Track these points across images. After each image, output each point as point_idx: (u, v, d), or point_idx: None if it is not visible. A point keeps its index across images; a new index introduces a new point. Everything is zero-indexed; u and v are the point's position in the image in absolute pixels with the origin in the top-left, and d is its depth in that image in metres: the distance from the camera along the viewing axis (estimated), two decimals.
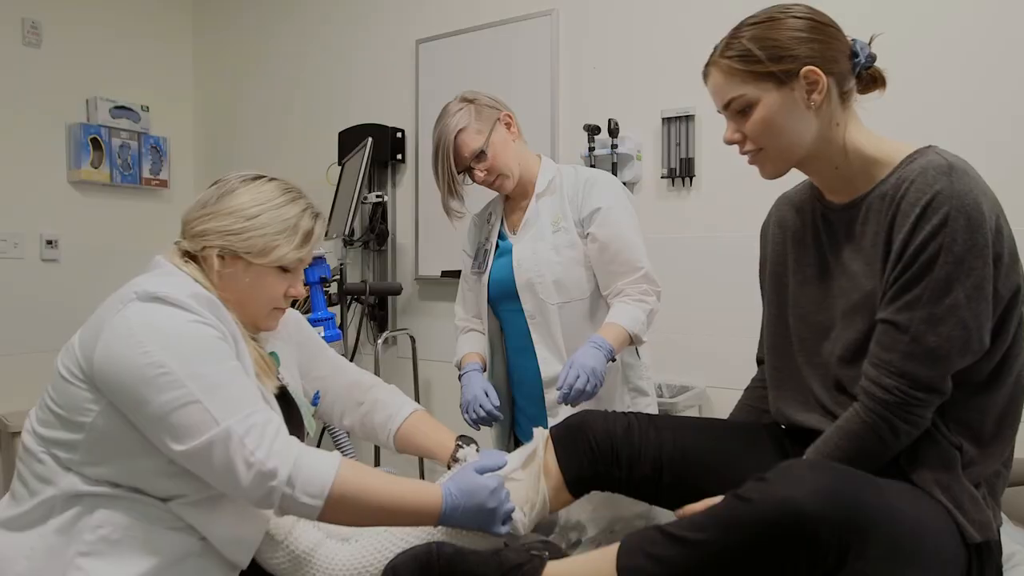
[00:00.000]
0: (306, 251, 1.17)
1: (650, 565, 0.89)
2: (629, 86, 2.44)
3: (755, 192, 2.19)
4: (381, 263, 3.08)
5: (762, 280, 1.32)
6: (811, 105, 1.05)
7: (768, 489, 0.84)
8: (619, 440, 1.15)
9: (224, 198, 1.14)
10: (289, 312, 1.32)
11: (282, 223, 1.14)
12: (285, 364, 1.27)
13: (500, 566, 0.99)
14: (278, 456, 0.97)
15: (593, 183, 1.66)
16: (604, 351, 1.47)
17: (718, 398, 2.25)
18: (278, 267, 1.15)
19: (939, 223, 0.94)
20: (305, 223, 1.17)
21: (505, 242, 1.75)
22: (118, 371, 0.98)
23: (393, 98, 3.04)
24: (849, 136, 1.08)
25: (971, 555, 0.97)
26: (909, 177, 1.00)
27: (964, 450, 1.00)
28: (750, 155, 1.12)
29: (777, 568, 0.83)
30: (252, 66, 3.57)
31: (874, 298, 1.04)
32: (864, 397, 1.00)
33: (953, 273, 0.94)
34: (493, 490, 1.05)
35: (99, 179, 3.33)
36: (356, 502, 1.01)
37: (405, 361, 2.93)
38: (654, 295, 1.61)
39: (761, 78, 1.05)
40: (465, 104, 1.65)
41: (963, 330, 0.95)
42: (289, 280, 1.18)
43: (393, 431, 1.36)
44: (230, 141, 3.68)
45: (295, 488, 0.97)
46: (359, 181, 2.36)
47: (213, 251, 1.11)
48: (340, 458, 1.02)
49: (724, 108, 1.11)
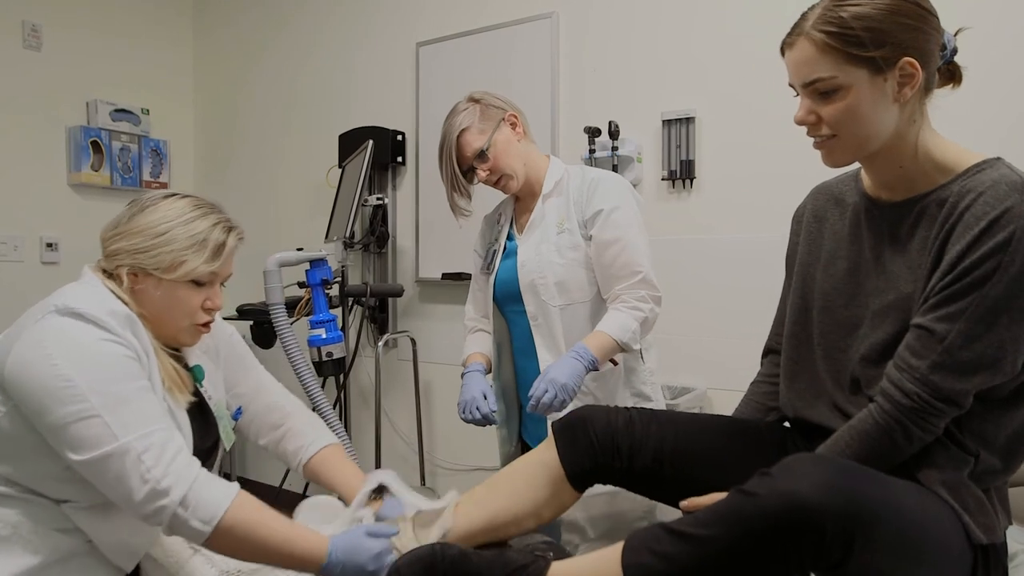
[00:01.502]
0: (219, 264, 1.19)
1: (655, 562, 0.89)
2: (629, 88, 2.45)
3: (755, 194, 2.22)
4: (381, 266, 3.08)
5: (789, 268, 1.28)
6: (900, 99, 0.99)
7: (773, 483, 0.84)
8: (620, 433, 1.15)
9: (135, 217, 1.17)
10: (223, 326, 1.38)
11: (190, 238, 1.16)
12: (210, 378, 1.30)
13: (505, 567, 0.99)
14: (174, 476, 1.01)
15: (597, 184, 1.64)
16: (584, 361, 1.47)
17: (719, 400, 2.25)
18: (191, 281, 1.17)
19: (1003, 241, 0.91)
20: (216, 236, 1.18)
21: (512, 243, 1.75)
22: (26, 379, 1.02)
23: (393, 101, 3.04)
24: (922, 136, 1.03)
25: (977, 555, 0.96)
26: (977, 188, 0.95)
27: (981, 459, 0.99)
28: (820, 139, 1.05)
29: (782, 562, 0.83)
30: (252, 69, 3.57)
31: (910, 302, 1.01)
32: (882, 399, 0.99)
33: (1003, 294, 0.91)
34: (376, 554, 1.07)
35: (99, 182, 3.32)
36: (244, 536, 1.04)
37: (406, 363, 2.93)
38: (651, 301, 1.58)
39: (857, 61, 0.97)
40: (471, 104, 1.65)
41: (998, 351, 0.93)
42: (205, 293, 1.20)
43: (303, 461, 1.38)
44: (230, 144, 3.68)
45: (187, 510, 1.01)
46: (360, 184, 2.36)
47: (124, 269, 1.15)
48: (238, 491, 1.06)
49: (804, 86, 1.02)
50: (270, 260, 1.60)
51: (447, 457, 2.92)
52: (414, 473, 2.82)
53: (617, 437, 1.15)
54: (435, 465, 2.94)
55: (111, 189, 3.39)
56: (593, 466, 1.15)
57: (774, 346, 1.33)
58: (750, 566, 0.84)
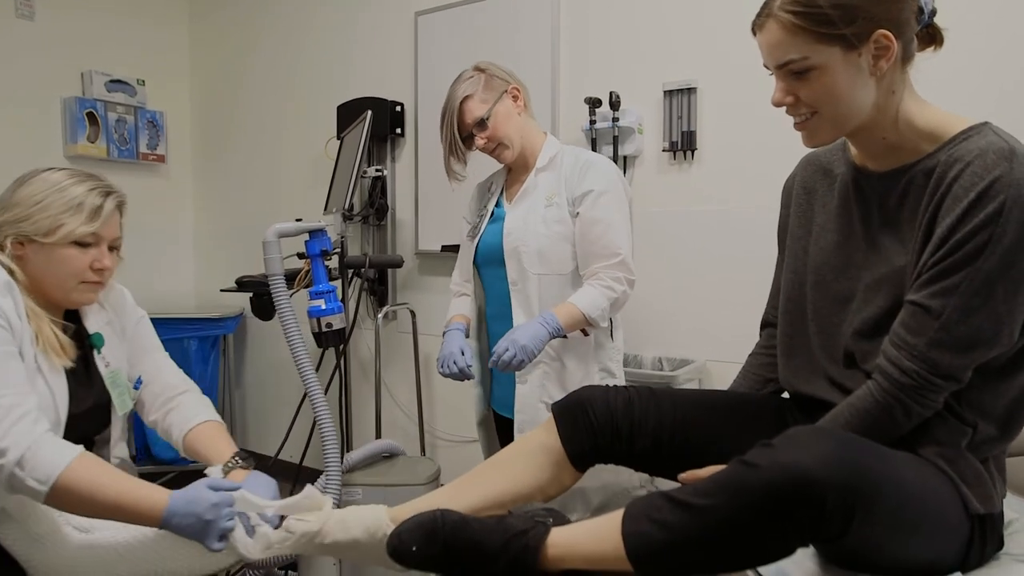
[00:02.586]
0: (98, 225, 1.28)
1: (655, 530, 0.90)
2: (630, 59, 2.42)
3: (756, 165, 2.20)
4: (380, 238, 3.07)
5: (781, 242, 1.28)
6: (876, 72, 0.97)
7: (775, 455, 0.84)
8: (619, 414, 1.16)
9: (16, 191, 1.28)
10: (134, 309, 1.49)
11: (66, 203, 1.26)
12: (111, 348, 1.39)
13: (505, 532, 1.00)
14: (13, 437, 1.08)
15: (590, 166, 1.71)
16: (549, 327, 1.57)
17: (718, 372, 2.26)
18: (73, 243, 1.26)
19: (993, 212, 0.89)
20: (92, 200, 1.28)
21: (500, 210, 1.82)
22: None
23: (392, 71, 3.00)
24: (903, 105, 1.01)
25: (974, 525, 0.97)
26: (964, 158, 0.93)
27: (979, 430, 0.99)
28: (801, 120, 1.03)
29: (782, 532, 0.84)
30: (249, 39, 3.52)
31: (902, 275, 1.00)
32: (880, 377, 0.98)
33: (997, 266, 0.90)
34: (214, 504, 1.12)
35: (96, 154, 3.30)
36: (82, 494, 1.10)
37: (405, 336, 2.94)
38: (625, 284, 1.66)
39: (829, 40, 0.95)
40: (477, 73, 1.72)
41: (995, 323, 0.92)
42: (92, 255, 1.29)
43: (183, 434, 1.42)
44: (228, 115, 3.65)
45: (24, 470, 1.08)
46: (358, 155, 2.34)
47: (9, 239, 1.25)
48: (80, 453, 1.13)
49: (778, 68, 1.01)
50: (269, 231, 1.59)
51: (446, 429, 2.93)
52: (414, 444, 2.84)
53: (617, 418, 1.15)
54: (435, 437, 2.96)
55: (108, 161, 3.37)
56: (593, 447, 1.16)
57: (771, 319, 1.33)
58: (749, 536, 0.85)
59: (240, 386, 3.65)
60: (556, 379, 1.72)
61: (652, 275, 2.27)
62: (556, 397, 1.68)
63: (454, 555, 1.00)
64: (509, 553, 0.98)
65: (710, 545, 0.87)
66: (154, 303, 3.42)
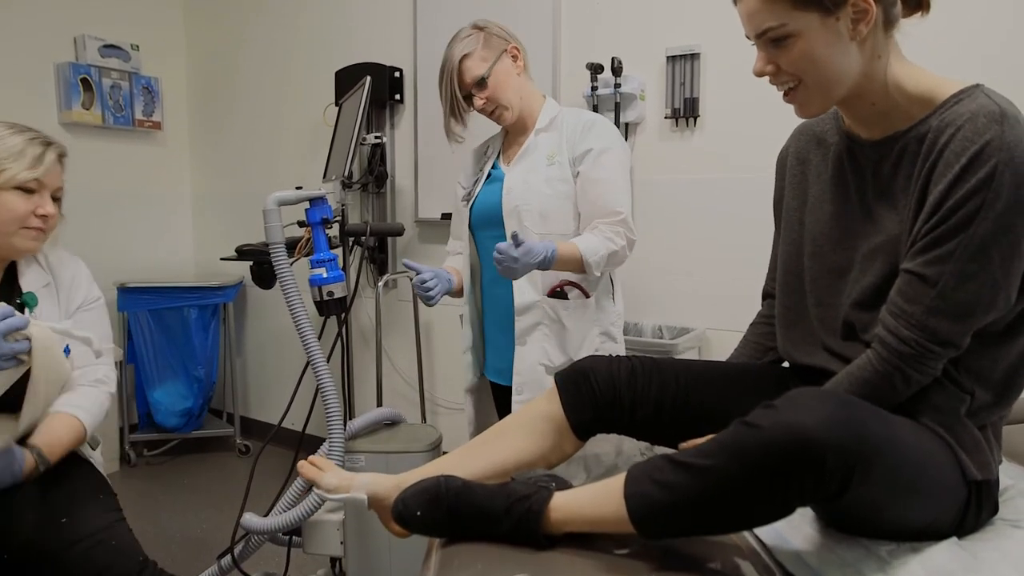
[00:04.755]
0: (40, 171, 1.37)
1: (656, 491, 0.90)
2: (633, 24, 2.38)
3: (759, 133, 2.18)
4: (380, 206, 3.06)
5: (777, 214, 1.28)
6: (855, 36, 0.96)
7: (777, 416, 0.84)
8: (622, 384, 1.16)
9: None
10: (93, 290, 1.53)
11: (6, 150, 1.35)
12: (43, 308, 1.45)
13: (507, 497, 1.01)
14: None
15: (592, 125, 1.69)
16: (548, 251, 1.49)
17: (718, 340, 2.27)
18: (15, 188, 1.34)
19: (985, 177, 0.89)
20: (33, 149, 1.37)
21: (498, 171, 1.79)
22: None
23: (391, 36, 2.96)
24: (891, 70, 1.00)
25: (971, 490, 0.98)
26: (956, 122, 0.93)
27: (976, 396, 1.00)
28: (787, 90, 1.03)
29: (782, 492, 0.85)
30: (246, 2, 3.46)
31: (898, 243, 1.00)
32: (879, 346, 0.99)
33: (991, 231, 0.90)
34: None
35: (91, 121, 3.26)
36: None
37: (405, 304, 2.94)
38: (625, 240, 1.63)
39: (805, 5, 0.94)
40: (475, 31, 1.68)
41: (992, 288, 0.92)
42: (35, 202, 1.38)
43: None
44: (224, 80, 3.60)
45: None
46: (358, 122, 2.31)
47: None
48: None
49: (757, 36, 1.00)
50: (269, 199, 1.57)
51: (447, 396, 2.95)
52: (415, 410, 2.86)
53: (619, 388, 1.16)
54: (435, 404, 2.98)
55: (103, 128, 3.34)
56: (596, 417, 1.17)
57: (771, 290, 1.33)
58: (750, 496, 0.86)
59: (241, 354, 3.66)
60: (556, 341, 1.71)
61: (652, 243, 2.27)
62: (555, 359, 1.70)
63: (458, 519, 1.01)
64: (512, 517, 0.99)
65: (711, 504, 0.88)
66: (153, 272, 3.43)
